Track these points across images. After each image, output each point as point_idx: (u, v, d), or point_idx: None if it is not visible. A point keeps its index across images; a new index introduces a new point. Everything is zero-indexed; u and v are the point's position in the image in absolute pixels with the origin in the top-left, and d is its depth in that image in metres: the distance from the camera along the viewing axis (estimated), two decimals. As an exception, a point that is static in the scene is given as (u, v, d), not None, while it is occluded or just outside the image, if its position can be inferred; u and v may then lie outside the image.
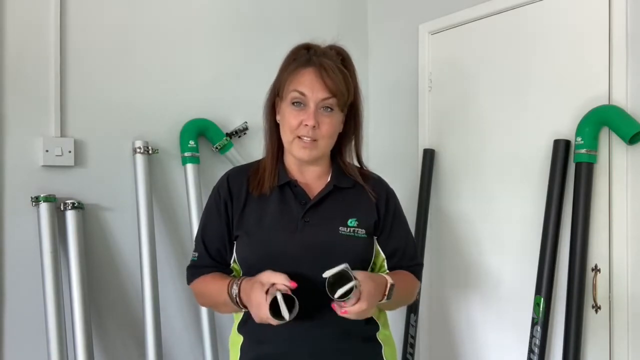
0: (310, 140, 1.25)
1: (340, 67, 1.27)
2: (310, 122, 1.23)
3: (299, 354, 1.25)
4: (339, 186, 1.32)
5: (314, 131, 1.24)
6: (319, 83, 1.24)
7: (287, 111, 1.26)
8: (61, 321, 1.73)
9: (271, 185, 1.30)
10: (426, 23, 2.27)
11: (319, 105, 1.24)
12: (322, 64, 1.25)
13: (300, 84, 1.25)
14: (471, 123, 2.11)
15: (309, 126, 1.23)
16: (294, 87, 1.25)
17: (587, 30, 1.74)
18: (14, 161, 1.77)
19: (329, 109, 1.26)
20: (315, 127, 1.24)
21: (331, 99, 1.24)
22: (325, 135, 1.26)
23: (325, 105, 1.25)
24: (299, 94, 1.24)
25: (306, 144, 1.25)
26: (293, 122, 1.25)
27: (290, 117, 1.25)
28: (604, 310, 1.69)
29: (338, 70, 1.26)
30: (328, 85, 1.23)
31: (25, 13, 1.79)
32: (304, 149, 1.26)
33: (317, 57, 1.27)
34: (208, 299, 1.34)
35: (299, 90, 1.24)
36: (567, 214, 1.75)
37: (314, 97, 1.24)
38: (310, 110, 1.24)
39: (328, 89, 1.24)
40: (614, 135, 1.66)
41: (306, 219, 1.27)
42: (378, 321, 1.33)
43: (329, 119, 1.26)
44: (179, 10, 2.07)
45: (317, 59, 1.26)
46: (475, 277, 2.09)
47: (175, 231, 2.06)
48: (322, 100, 1.24)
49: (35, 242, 1.76)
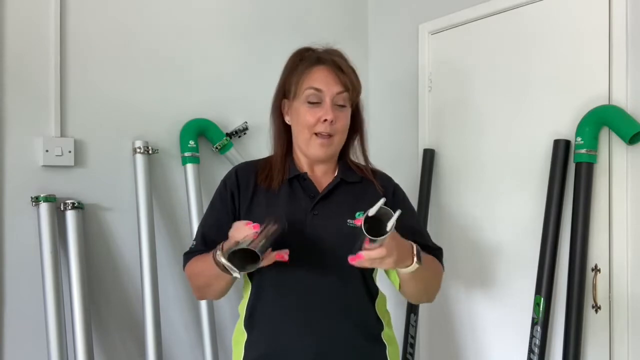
0: (327, 137, 1.27)
1: (349, 64, 1.31)
2: (329, 116, 1.25)
3: (304, 352, 1.25)
4: (347, 180, 1.34)
5: (331, 126, 1.27)
6: (333, 78, 1.27)
7: (303, 110, 1.28)
8: (61, 321, 1.73)
9: (280, 180, 1.31)
10: (426, 23, 2.27)
11: (334, 100, 1.27)
12: (334, 60, 1.29)
13: (314, 81, 1.28)
14: (471, 123, 2.11)
15: (327, 121, 1.26)
16: (309, 84, 1.28)
17: (587, 30, 1.74)
18: (14, 161, 1.76)
19: (342, 105, 1.29)
20: (333, 122, 1.26)
21: (345, 93, 1.28)
22: (340, 130, 1.29)
23: (339, 100, 1.28)
24: (315, 90, 1.27)
25: (323, 141, 1.27)
26: (310, 119, 1.27)
27: (306, 114, 1.27)
28: (604, 310, 1.69)
29: (348, 66, 1.30)
30: (342, 80, 1.28)
31: (25, 13, 1.79)
32: (322, 146, 1.28)
33: (326, 55, 1.31)
34: (201, 278, 1.28)
35: (315, 86, 1.27)
36: (567, 214, 1.75)
37: (329, 92, 1.27)
38: (327, 105, 1.27)
39: (342, 83, 1.28)
40: (614, 135, 1.66)
41: (315, 212, 1.28)
42: (382, 320, 1.34)
43: (343, 114, 1.30)
44: (179, 10, 2.07)
45: (327, 56, 1.30)
46: (475, 277, 2.09)
47: (175, 231, 2.06)
48: (337, 95, 1.27)
49: (35, 242, 1.75)
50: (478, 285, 2.08)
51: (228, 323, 2.10)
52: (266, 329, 1.27)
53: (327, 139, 1.28)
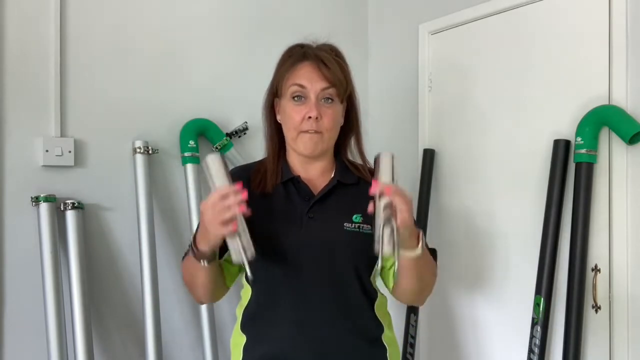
0: (314, 133, 1.25)
1: (335, 58, 1.29)
2: (313, 113, 1.23)
3: (304, 355, 1.24)
4: (343, 182, 1.32)
5: (317, 123, 1.24)
6: (317, 74, 1.25)
7: (289, 107, 1.27)
8: (61, 321, 1.73)
9: (274, 183, 1.30)
10: (426, 23, 2.26)
11: (319, 96, 1.25)
12: (318, 55, 1.27)
13: (298, 77, 1.26)
14: (471, 123, 2.11)
15: (312, 118, 1.23)
16: (293, 81, 1.26)
17: (587, 30, 1.74)
18: (14, 161, 1.77)
19: (329, 99, 1.27)
20: (319, 119, 1.24)
21: (330, 88, 1.26)
22: (328, 127, 1.27)
23: (325, 96, 1.26)
24: (299, 87, 1.25)
25: (312, 135, 1.25)
26: (296, 117, 1.25)
27: (292, 112, 1.26)
28: (604, 310, 1.69)
29: (334, 60, 1.27)
30: (326, 75, 1.25)
31: (25, 13, 1.79)
32: (310, 141, 1.26)
33: (312, 50, 1.29)
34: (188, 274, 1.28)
35: (298, 83, 1.25)
36: (567, 214, 1.75)
37: (313, 88, 1.25)
38: (311, 102, 1.25)
39: (326, 78, 1.25)
40: (614, 135, 1.66)
41: (310, 215, 1.27)
42: (383, 323, 1.33)
43: (331, 110, 1.27)
44: (179, 10, 2.07)
45: (312, 52, 1.28)
46: (475, 277, 2.09)
47: (175, 231, 2.06)
48: (321, 91, 1.25)
49: (35, 242, 1.75)
50: (478, 285, 2.08)
51: (228, 323, 2.10)
52: (264, 332, 1.26)
53: (314, 136, 1.25)
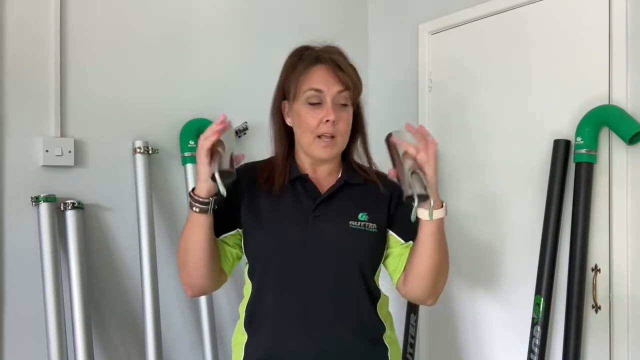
0: (330, 138, 1.25)
1: (349, 62, 1.29)
2: (331, 116, 1.23)
3: (306, 354, 1.24)
4: (350, 182, 1.32)
5: (334, 127, 1.24)
6: (333, 78, 1.25)
7: (304, 111, 1.25)
8: (61, 321, 1.73)
9: (282, 182, 1.29)
10: (426, 23, 2.27)
11: (335, 100, 1.25)
12: (333, 59, 1.26)
13: (314, 82, 1.25)
14: (471, 123, 2.11)
15: (330, 122, 1.23)
16: (308, 85, 1.25)
17: (587, 31, 1.74)
18: (14, 161, 1.77)
19: (344, 104, 1.26)
20: (335, 122, 1.24)
21: (345, 92, 1.25)
22: (343, 130, 1.27)
23: (340, 99, 1.25)
24: (315, 91, 1.24)
25: (327, 142, 1.25)
26: (312, 121, 1.24)
27: (308, 117, 1.25)
28: (604, 310, 1.69)
29: (348, 64, 1.28)
30: (342, 79, 1.25)
31: (25, 13, 1.79)
32: (325, 148, 1.25)
33: (325, 53, 1.28)
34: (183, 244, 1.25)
35: (314, 87, 1.24)
36: (567, 214, 1.75)
37: (330, 92, 1.24)
38: (328, 106, 1.24)
39: (342, 82, 1.25)
40: (614, 135, 1.66)
41: (316, 213, 1.27)
42: (385, 323, 1.33)
43: (346, 113, 1.27)
44: (179, 10, 2.07)
45: (326, 55, 1.27)
46: (475, 277, 2.09)
47: (175, 231, 2.05)
48: (337, 94, 1.24)
49: (35, 242, 1.75)
50: (478, 285, 2.08)
51: (228, 323, 2.10)
52: (266, 331, 1.26)
53: (329, 141, 1.25)
